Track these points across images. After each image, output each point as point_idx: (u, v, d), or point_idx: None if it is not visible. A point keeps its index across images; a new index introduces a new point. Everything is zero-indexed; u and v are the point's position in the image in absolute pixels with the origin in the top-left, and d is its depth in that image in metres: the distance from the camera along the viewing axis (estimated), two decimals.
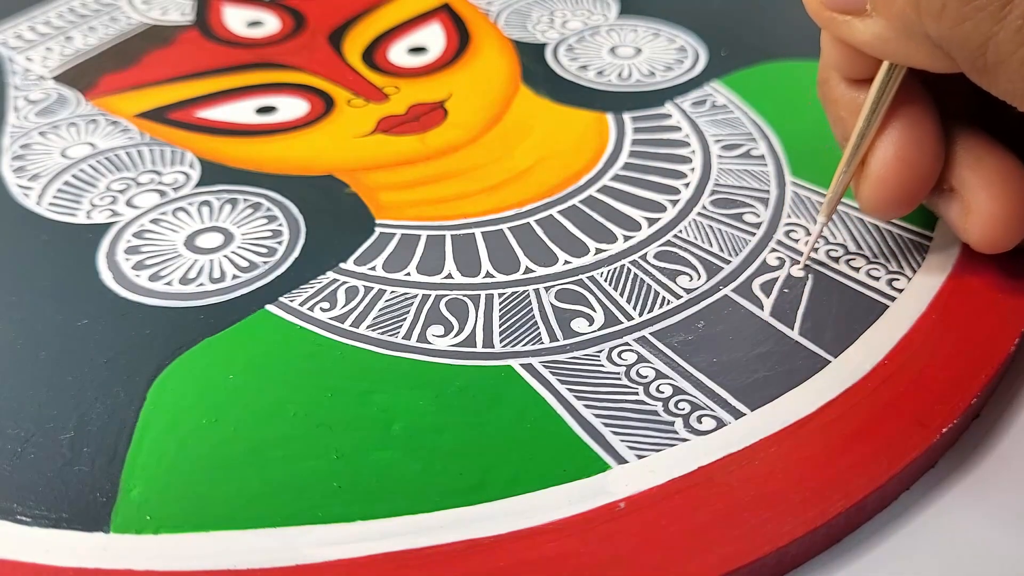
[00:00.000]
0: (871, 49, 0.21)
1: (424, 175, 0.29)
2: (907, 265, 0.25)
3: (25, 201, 0.28)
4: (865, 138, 0.23)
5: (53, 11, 0.37)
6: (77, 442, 0.21)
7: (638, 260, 0.25)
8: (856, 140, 0.23)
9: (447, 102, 0.32)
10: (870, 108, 0.22)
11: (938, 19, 0.19)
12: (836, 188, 0.24)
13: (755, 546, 0.19)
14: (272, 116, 0.31)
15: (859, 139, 0.23)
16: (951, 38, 0.19)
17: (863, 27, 0.21)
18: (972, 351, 0.22)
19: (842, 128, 0.24)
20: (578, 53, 0.34)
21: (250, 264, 0.26)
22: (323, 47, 0.35)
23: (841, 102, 0.24)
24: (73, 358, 0.23)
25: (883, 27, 0.20)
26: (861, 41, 0.21)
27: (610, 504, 0.19)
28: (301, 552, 0.19)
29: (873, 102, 0.22)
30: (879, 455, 0.20)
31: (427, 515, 0.19)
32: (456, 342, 0.23)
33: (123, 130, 0.31)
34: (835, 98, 0.24)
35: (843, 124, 0.24)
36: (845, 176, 0.23)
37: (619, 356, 0.23)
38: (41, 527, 0.19)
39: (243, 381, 0.22)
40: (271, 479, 0.20)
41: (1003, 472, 0.21)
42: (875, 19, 0.21)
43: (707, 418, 0.21)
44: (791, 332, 0.23)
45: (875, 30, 0.21)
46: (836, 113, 0.24)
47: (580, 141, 0.30)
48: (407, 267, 0.25)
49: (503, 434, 0.21)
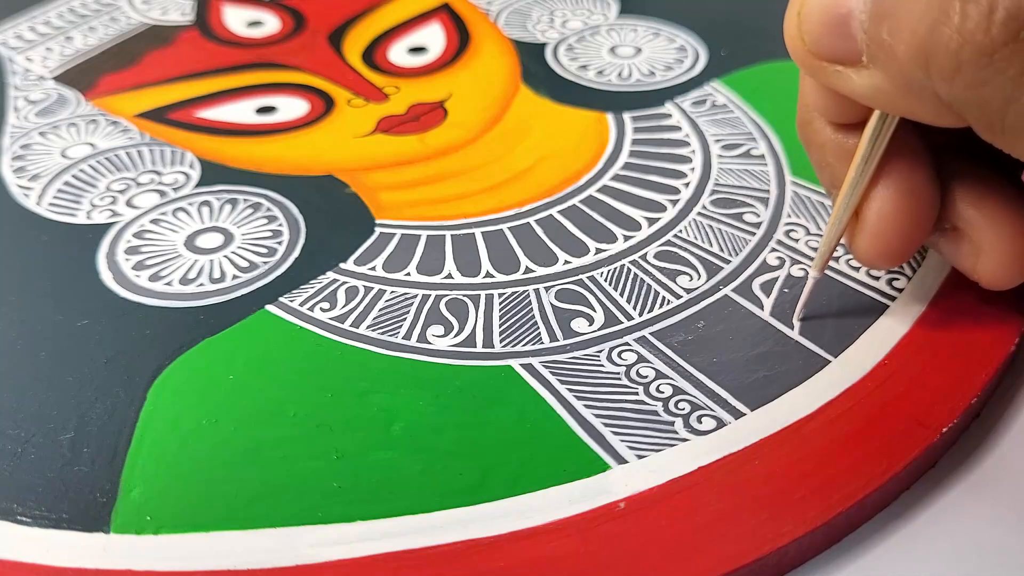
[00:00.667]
0: (868, 101, 0.19)
1: (424, 175, 0.29)
2: (907, 265, 0.25)
3: (25, 201, 0.28)
4: (858, 187, 0.21)
5: (53, 11, 0.37)
6: (77, 442, 0.21)
7: (638, 260, 0.25)
8: (849, 190, 0.21)
9: (447, 102, 0.32)
10: (863, 157, 0.20)
11: (951, 81, 0.17)
12: (830, 241, 0.22)
13: (755, 546, 0.19)
14: (272, 116, 0.31)
15: (852, 188, 0.21)
16: (966, 100, 0.17)
17: (858, 79, 0.19)
18: (972, 351, 0.22)
19: (830, 174, 0.22)
20: (578, 53, 0.34)
21: (250, 264, 0.26)
22: (323, 47, 0.35)
23: (828, 147, 0.22)
24: (73, 358, 0.23)
25: (882, 80, 0.18)
26: (856, 93, 0.19)
27: (610, 504, 0.19)
28: (301, 552, 0.19)
29: (866, 151, 0.20)
30: (879, 455, 0.20)
31: (427, 515, 0.19)
32: (456, 342, 0.23)
33: (123, 130, 0.31)
34: (821, 142, 0.22)
35: (831, 170, 0.22)
36: (837, 228, 0.22)
37: (619, 356, 0.23)
38: (41, 527, 0.19)
39: (243, 381, 0.22)
40: (271, 479, 0.20)
41: (1003, 472, 0.21)
42: (872, 71, 0.18)
43: (707, 418, 0.21)
44: (791, 332, 0.23)
45: (873, 83, 0.18)
46: (823, 159, 0.22)
47: (580, 141, 0.30)
48: (407, 267, 0.25)
49: (503, 434, 0.21)
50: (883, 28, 0.18)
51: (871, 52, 0.18)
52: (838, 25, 0.19)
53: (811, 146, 0.22)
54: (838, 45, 0.19)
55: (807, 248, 0.25)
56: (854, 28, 0.18)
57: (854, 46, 0.18)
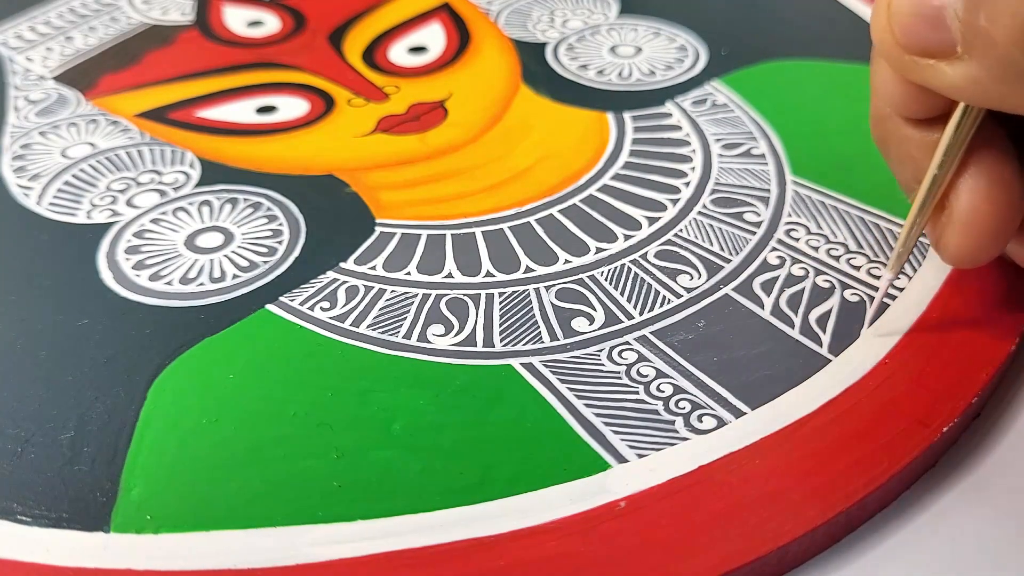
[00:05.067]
0: (962, 94, 0.19)
1: (424, 174, 0.29)
2: (907, 264, 0.25)
3: (25, 201, 0.28)
4: (942, 182, 0.20)
5: (53, 11, 0.37)
6: (77, 442, 0.21)
7: (638, 259, 0.25)
8: (929, 184, 0.20)
9: (447, 101, 0.32)
10: (945, 149, 0.20)
11: None
12: (909, 238, 0.21)
13: (756, 545, 0.19)
14: (272, 116, 0.32)
15: (933, 183, 0.20)
16: None
17: (952, 71, 0.18)
18: (972, 350, 0.22)
19: (913, 168, 0.21)
20: (578, 52, 0.34)
21: (250, 264, 0.26)
22: (323, 47, 0.35)
23: (913, 141, 0.21)
24: (73, 358, 0.23)
25: (979, 70, 0.18)
26: (950, 86, 0.19)
27: (611, 503, 0.19)
28: (301, 551, 0.19)
29: (949, 143, 0.20)
30: (879, 454, 0.20)
31: (427, 514, 0.19)
32: (456, 341, 0.23)
33: (123, 130, 0.31)
34: (903, 137, 0.21)
35: (914, 164, 0.21)
36: (919, 224, 0.21)
37: (619, 355, 0.23)
38: (41, 527, 0.19)
39: (243, 380, 0.22)
40: (271, 478, 0.20)
41: (1003, 471, 0.21)
42: (968, 62, 0.18)
43: (708, 417, 0.21)
44: (791, 331, 0.23)
45: (969, 73, 0.18)
46: (905, 152, 0.21)
47: (580, 140, 0.30)
48: (407, 266, 0.25)
49: (503, 433, 0.21)
50: (980, 14, 0.18)
51: (967, 41, 0.18)
52: (931, 16, 0.18)
53: (891, 142, 0.22)
54: (931, 37, 0.18)
55: (807, 247, 0.25)
56: (948, 18, 0.18)
57: (948, 37, 0.18)
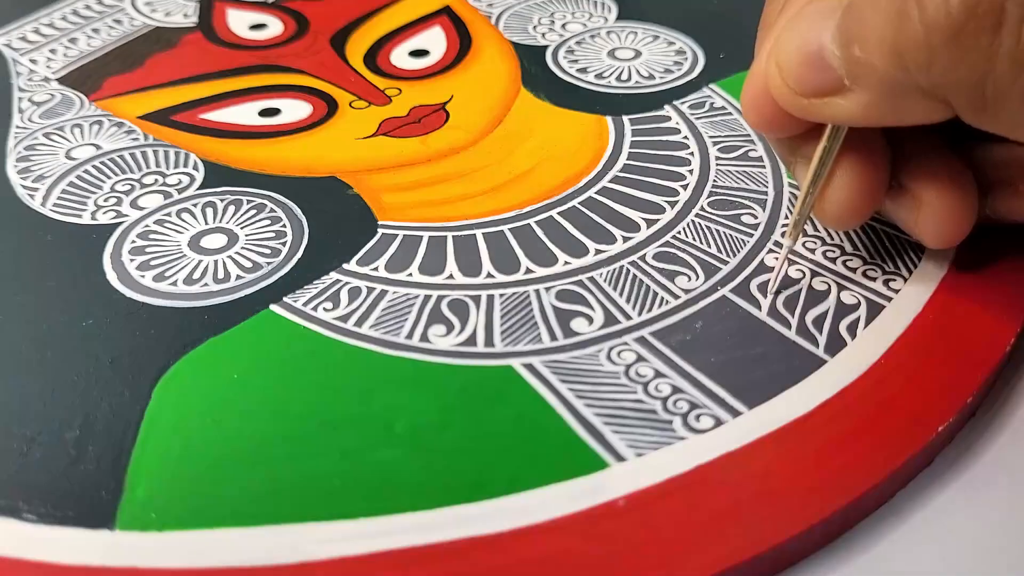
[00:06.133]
0: (860, 121, 0.21)
1: (426, 177, 0.29)
2: (903, 265, 0.25)
3: (30, 202, 0.28)
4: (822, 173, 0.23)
5: (57, 13, 0.38)
6: (83, 441, 0.21)
7: (637, 261, 0.26)
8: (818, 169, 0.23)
9: (448, 104, 0.32)
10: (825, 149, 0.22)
11: (928, 70, 0.18)
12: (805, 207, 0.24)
13: (753, 543, 0.19)
14: (275, 118, 0.32)
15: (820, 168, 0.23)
16: (947, 85, 0.19)
17: (846, 102, 0.20)
18: (968, 349, 0.23)
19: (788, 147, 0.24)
20: (578, 56, 0.34)
21: (254, 265, 0.26)
22: (326, 50, 0.35)
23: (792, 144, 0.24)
24: (78, 358, 0.23)
25: (868, 95, 0.20)
26: (848, 116, 0.21)
27: (610, 502, 0.20)
28: (305, 549, 0.19)
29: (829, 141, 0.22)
30: (876, 453, 0.20)
31: (429, 513, 0.20)
32: (457, 342, 0.23)
33: (127, 132, 0.31)
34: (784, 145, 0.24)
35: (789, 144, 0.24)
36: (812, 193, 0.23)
37: (618, 355, 0.23)
38: (47, 525, 0.20)
39: (247, 380, 0.23)
40: (275, 477, 0.20)
41: (999, 470, 0.21)
42: (858, 91, 0.20)
43: (705, 417, 0.21)
44: (788, 332, 0.23)
45: (860, 100, 0.20)
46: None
47: (580, 143, 0.30)
48: (409, 268, 0.26)
49: (504, 432, 0.21)
50: (854, 47, 0.19)
51: (851, 73, 0.20)
52: (814, 60, 0.20)
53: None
54: (820, 78, 0.20)
55: (804, 249, 0.26)
56: (828, 58, 0.20)
57: (834, 75, 0.20)
